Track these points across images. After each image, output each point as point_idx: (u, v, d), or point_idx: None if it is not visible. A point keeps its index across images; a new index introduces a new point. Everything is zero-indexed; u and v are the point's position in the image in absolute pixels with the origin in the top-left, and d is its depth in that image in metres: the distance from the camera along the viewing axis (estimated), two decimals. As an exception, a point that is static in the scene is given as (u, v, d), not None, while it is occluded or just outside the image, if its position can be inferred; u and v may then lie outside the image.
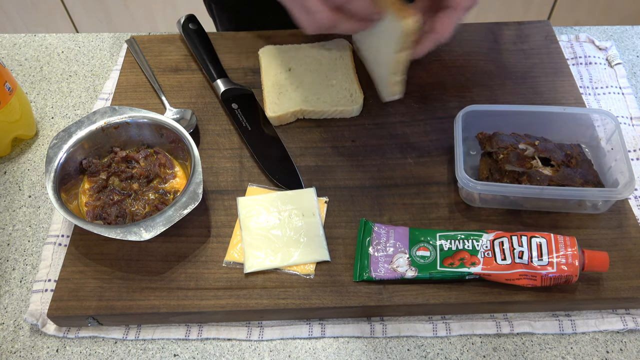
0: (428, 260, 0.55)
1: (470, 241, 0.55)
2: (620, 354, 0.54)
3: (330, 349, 0.55)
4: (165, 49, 0.79)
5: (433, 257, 0.55)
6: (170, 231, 0.56)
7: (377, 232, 0.58)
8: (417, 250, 0.56)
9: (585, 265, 0.53)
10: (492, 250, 0.54)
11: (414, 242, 0.56)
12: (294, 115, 0.70)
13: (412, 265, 0.55)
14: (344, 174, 0.65)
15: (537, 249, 0.53)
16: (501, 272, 0.53)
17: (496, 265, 0.53)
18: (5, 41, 0.86)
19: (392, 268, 0.55)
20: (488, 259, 0.54)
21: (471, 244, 0.55)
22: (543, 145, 0.61)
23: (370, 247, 0.57)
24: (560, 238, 0.53)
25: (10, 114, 0.68)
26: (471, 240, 0.55)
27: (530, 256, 0.53)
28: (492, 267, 0.53)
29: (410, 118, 0.70)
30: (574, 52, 0.79)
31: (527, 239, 0.53)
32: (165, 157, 0.64)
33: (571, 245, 0.53)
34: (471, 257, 0.54)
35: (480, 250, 0.54)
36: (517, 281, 0.53)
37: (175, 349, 0.56)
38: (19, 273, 0.61)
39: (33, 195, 0.68)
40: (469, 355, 0.55)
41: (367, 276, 0.55)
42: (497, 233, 0.55)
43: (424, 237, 0.57)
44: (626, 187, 0.56)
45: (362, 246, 0.57)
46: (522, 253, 0.53)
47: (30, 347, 0.56)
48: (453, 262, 0.54)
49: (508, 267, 0.53)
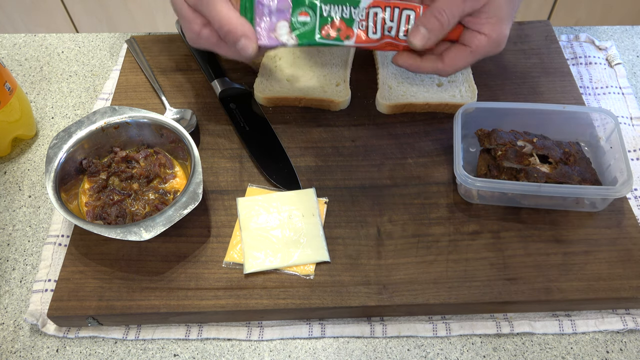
0: (308, 27, 0.57)
1: (349, 8, 0.57)
2: (620, 354, 0.54)
3: (330, 349, 0.55)
4: (165, 49, 0.79)
5: (312, 23, 0.57)
6: (170, 231, 0.56)
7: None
8: (299, 15, 0.56)
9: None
10: (366, 21, 0.57)
11: (297, 5, 0.56)
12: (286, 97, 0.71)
13: (292, 31, 0.57)
14: (344, 174, 0.65)
15: (405, 23, 0.57)
16: (371, 44, 0.59)
17: (367, 39, 0.58)
18: (5, 41, 0.86)
19: (275, 36, 0.57)
20: (361, 32, 0.58)
21: (349, 12, 0.57)
22: (541, 142, 0.61)
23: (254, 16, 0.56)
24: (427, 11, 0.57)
25: (10, 114, 0.68)
26: (349, 8, 0.57)
27: (398, 31, 0.58)
28: (364, 40, 0.58)
29: (410, 118, 0.70)
30: (574, 52, 0.79)
31: (399, 10, 0.57)
32: (165, 157, 0.64)
33: None
34: (347, 29, 0.57)
35: (356, 19, 0.57)
36: (384, 49, 0.60)
37: (175, 349, 0.56)
38: (19, 273, 0.61)
39: (33, 195, 0.68)
40: (469, 355, 0.55)
41: None
42: (373, 1, 0.57)
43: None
44: (624, 186, 0.56)
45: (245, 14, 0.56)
46: (391, 28, 0.57)
47: (30, 347, 0.56)
48: (329, 34, 0.57)
49: (377, 40, 0.58)
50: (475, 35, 0.57)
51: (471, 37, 0.57)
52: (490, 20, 0.56)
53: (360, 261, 0.57)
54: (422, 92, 0.70)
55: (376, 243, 0.59)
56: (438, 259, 0.57)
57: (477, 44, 0.57)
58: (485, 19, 0.56)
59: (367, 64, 0.76)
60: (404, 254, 0.58)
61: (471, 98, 0.70)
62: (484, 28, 0.56)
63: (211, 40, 0.56)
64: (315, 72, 0.73)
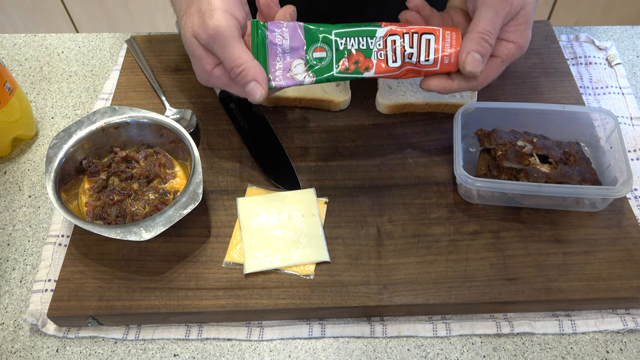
0: (324, 62, 0.56)
1: (365, 39, 0.56)
2: (620, 354, 0.54)
3: (330, 349, 0.55)
4: (165, 49, 0.79)
5: (329, 58, 0.56)
6: (170, 231, 0.56)
7: (271, 39, 0.55)
8: (314, 51, 0.56)
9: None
10: (385, 49, 0.56)
11: (311, 42, 0.56)
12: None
13: (309, 70, 0.56)
14: (344, 174, 0.65)
15: (425, 47, 0.55)
16: (392, 74, 0.57)
17: (387, 68, 0.56)
18: (5, 41, 0.86)
19: (291, 76, 0.56)
20: (380, 61, 0.56)
21: (365, 43, 0.56)
22: (541, 142, 0.61)
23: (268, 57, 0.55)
24: (447, 34, 0.56)
25: (10, 114, 0.68)
26: (365, 38, 0.56)
27: (419, 57, 0.56)
28: (384, 70, 0.56)
29: (410, 118, 0.70)
30: (574, 52, 0.79)
31: (418, 36, 0.55)
32: (165, 157, 0.64)
33: (456, 43, 0.55)
34: (365, 61, 0.56)
35: (374, 50, 0.56)
36: (406, 77, 0.58)
37: (175, 349, 0.56)
38: (19, 273, 0.61)
39: (33, 195, 0.68)
40: (469, 355, 0.55)
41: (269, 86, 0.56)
42: (389, 29, 0.56)
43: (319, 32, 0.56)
44: (624, 186, 0.56)
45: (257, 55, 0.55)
46: (412, 55, 0.56)
47: (30, 347, 0.56)
48: (348, 67, 0.56)
49: (397, 68, 0.56)
50: (504, 44, 0.56)
51: (500, 47, 0.56)
52: (519, 27, 0.55)
53: (360, 261, 0.57)
54: (422, 92, 0.70)
55: (376, 243, 0.59)
56: (438, 259, 0.57)
57: (507, 53, 0.56)
58: (515, 26, 0.55)
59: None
60: (404, 254, 0.58)
61: (471, 98, 0.70)
62: (512, 36, 0.56)
63: (222, 80, 0.55)
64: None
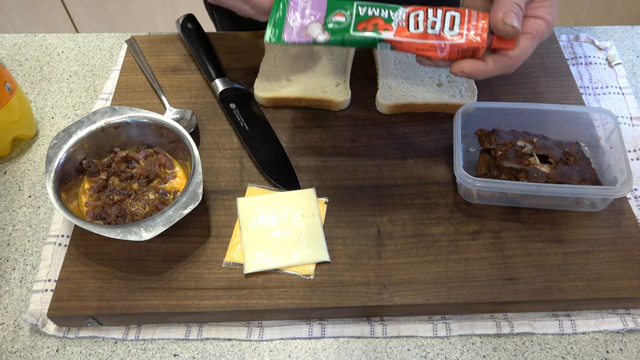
0: (343, 25, 0.54)
1: (387, 11, 0.54)
2: (620, 354, 0.54)
3: (330, 349, 0.55)
4: (165, 49, 0.79)
5: (348, 22, 0.54)
6: (170, 231, 0.56)
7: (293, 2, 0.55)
8: (333, 16, 0.54)
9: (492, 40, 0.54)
10: (407, 21, 0.54)
11: (332, 9, 0.54)
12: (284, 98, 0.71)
13: (325, 29, 0.54)
14: (344, 174, 0.65)
15: (450, 21, 0.53)
16: (413, 40, 0.53)
17: (409, 34, 0.53)
18: (5, 41, 0.86)
19: (305, 33, 0.54)
20: (401, 28, 0.53)
21: (387, 13, 0.54)
22: (541, 142, 0.61)
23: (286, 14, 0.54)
24: (474, 12, 0.53)
25: (10, 114, 0.68)
26: (388, 10, 0.54)
27: (443, 26, 0.53)
28: (405, 35, 0.53)
29: (410, 118, 0.70)
30: (574, 52, 0.79)
31: (442, 11, 0.54)
32: (165, 157, 0.64)
33: (483, 18, 0.53)
34: (385, 24, 0.53)
35: (395, 20, 0.54)
36: (427, 52, 0.53)
37: (175, 349, 0.56)
38: (19, 273, 0.61)
39: (33, 195, 0.68)
40: (469, 355, 0.55)
41: (280, 40, 0.54)
42: (413, 7, 0.54)
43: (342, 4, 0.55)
44: (624, 185, 0.56)
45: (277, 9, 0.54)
46: (435, 23, 0.53)
47: (30, 347, 0.56)
48: (366, 27, 0.54)
49: (420, 35, 0.53)
50: (532, 20, 0.55)
51: (529, 23, 0.55)
52: (544, 3, 0.55)
53: (360, 261, 0.57)
54: (422, 92, 0.70)
55: (376, 243, 0.59)
56: (438, 259, 0.57)
57: (537, 29, 0.55)
58: (540, 2, 0.55)
59: (367, 64, 0.76)
60: (404, 254, 0.58)
61: (471, 98, 0.70)
62: (539, 12, 0.55)
63: None
64: (315, 72, 0.73)
